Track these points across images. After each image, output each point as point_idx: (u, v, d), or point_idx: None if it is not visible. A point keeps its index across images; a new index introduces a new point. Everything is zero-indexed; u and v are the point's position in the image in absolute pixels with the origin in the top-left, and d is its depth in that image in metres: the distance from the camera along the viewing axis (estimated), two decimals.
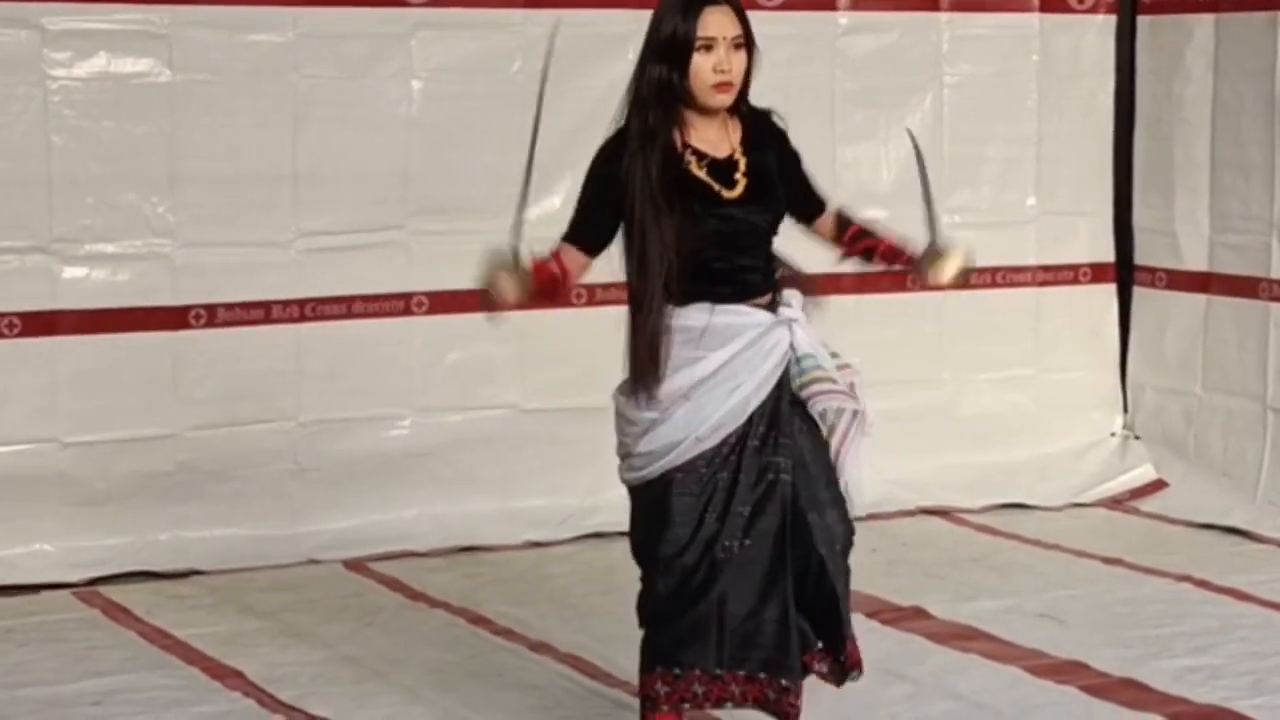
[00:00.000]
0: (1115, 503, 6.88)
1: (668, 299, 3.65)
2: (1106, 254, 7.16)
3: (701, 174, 3.69)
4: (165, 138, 5.83)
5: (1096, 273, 7.15)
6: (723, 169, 3.70)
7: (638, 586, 5.85)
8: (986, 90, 6.92)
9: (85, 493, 5.80)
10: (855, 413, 3.72)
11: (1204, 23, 6.78)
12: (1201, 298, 6.86)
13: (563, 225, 6.31)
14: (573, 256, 3.82)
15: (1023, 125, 6.98)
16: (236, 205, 5.94)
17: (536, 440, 6.32)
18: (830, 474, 3.76)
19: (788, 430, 3.69)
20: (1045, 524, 6.58)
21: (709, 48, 3.65)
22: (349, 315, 6.12)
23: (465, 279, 6.29)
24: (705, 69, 3.65)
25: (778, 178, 3.77)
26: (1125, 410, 7.19)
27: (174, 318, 5.89)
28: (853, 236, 3.91)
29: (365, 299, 6.14)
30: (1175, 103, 6.92)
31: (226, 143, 5.90)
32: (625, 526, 6.27)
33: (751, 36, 3.71)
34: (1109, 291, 7.17)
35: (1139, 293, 7.13)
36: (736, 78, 3.68)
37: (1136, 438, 7.12)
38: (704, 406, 3.64)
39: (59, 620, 5.37)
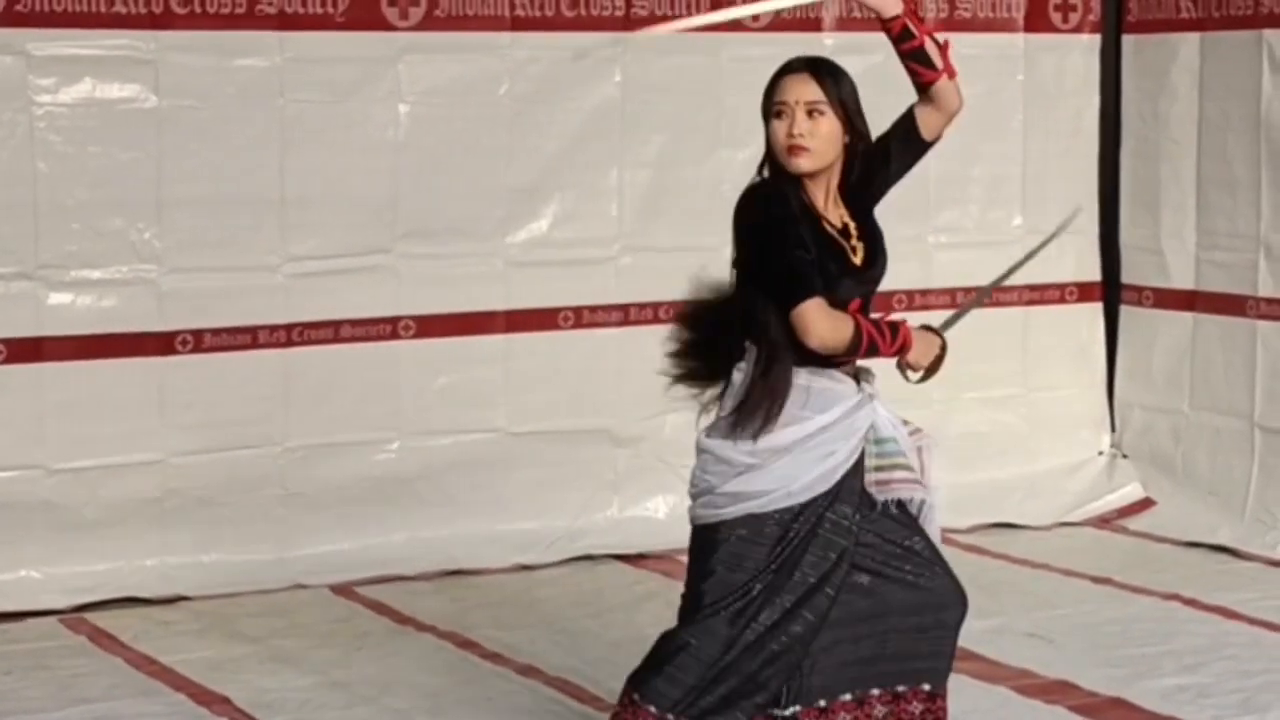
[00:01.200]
0: (1103, 521, 6.88)
1: (794, 359, 3.71)
2: (1093, 273, 7.18)
3: (838, 237, 3.75)
4: (152, 163, 5.82)
5: (1083, 292, 7.16)
6: (843, 235, 3.78)
7: (626, 609, 5.85)
8: (972, 110, 6.84)
9: (72, 519, 5.78)
10: (924, 501, 3.84)
11: (1189, 41, 6.80)
12: (1188, 316, 6.87)
13: (551, 248, 6.39)
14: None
15: (1009, 145, 6.99)
16: (223, 230, 5.94)
17: (525, 463, 6.32)
18: (927, 541, 3.87)
19: (869, 511, 3.79)
20: (1033, 543, 6.58)
21: (780, 114, 3.70)
22: (336, 339, 6.11)
23: (453, 302, 6.36)
24: (780, 133, 3.69)
25: (880, 231, 3.86)
26: (1113, 429, 7.19)
27: (161, 343, 5.89)
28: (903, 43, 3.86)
29: (353, 323, 6.14)
30: (1161, 121, 6.94)
31: (213, 167, 5.90)
32: (613, 549, 6.35)
33: (847, 106, 3.72)
34: (1096, 310, 7.18)
35: (1126, 311, 7.14)
36: (814, 142, 3.68)
37: (1124, 456, 7.13)
38: (800, 464, 3.69)
39: (45, 647, 5.36)
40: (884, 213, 6.80)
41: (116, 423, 5.83)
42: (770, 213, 3.69)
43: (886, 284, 6.73)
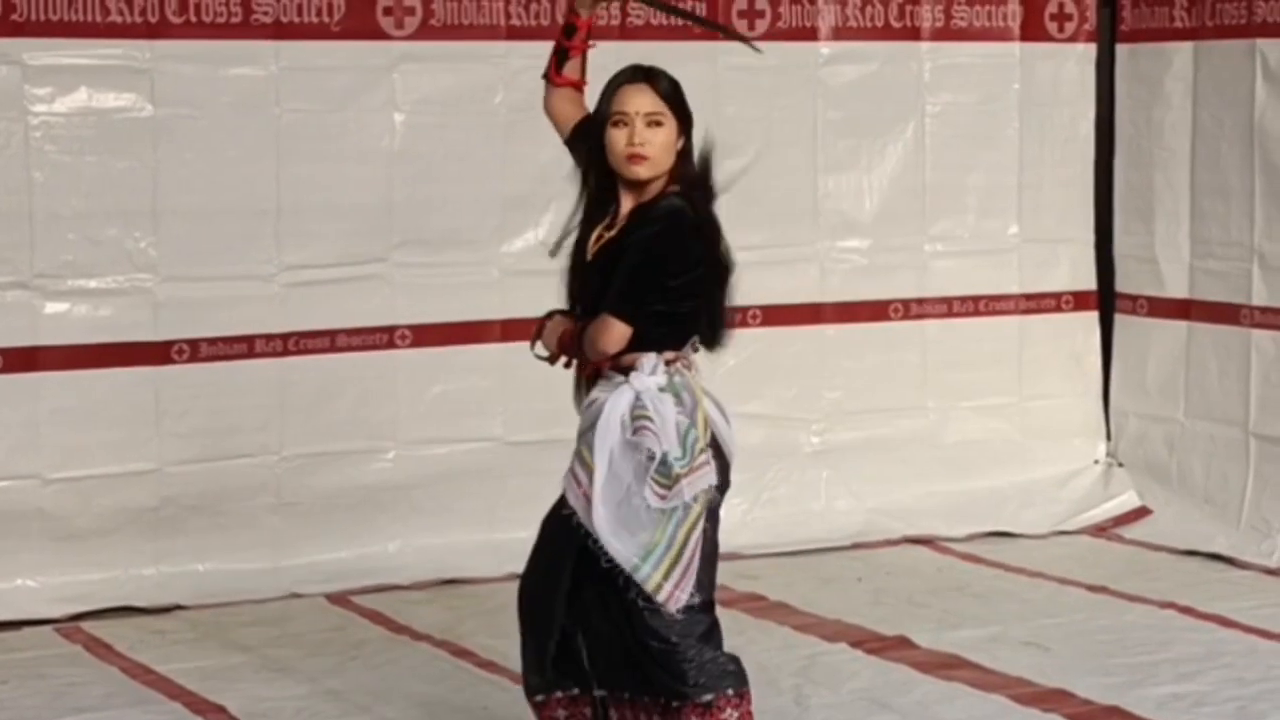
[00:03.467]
0: (1099, 530, 6.88)
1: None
2: (1088, 281, 7.19)
3: (592, 239, 3.90)
4: (147, 172, 5.83)
5: (1079, 300, 7.17)
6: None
7: None
8: (968, 119, 6.95)
9: (67, 528, 5.78)
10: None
11: (1183, 50, 6.82)
12: (1183, 324, 6.88)
13: (546, 257, 6.31)
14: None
15: (1004, 153, 7.00)
16: (219, 239, 5.94)
17: (520, 472, 6.31)
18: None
19: None
20: (1029, 552, 6.58)
21: (622, 123, 3.83)
22: (332, 349, 6.11)
23: (449, 312, 6.36)
24: (619, 141, 3.83)
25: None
26: (1108, 437, 7.20)
27: (156, 353, 5.89)
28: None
29: (349, 332, 6.14)
30: (1155, 130, 6.95)
31: (209, 177, 5.91)
32: None
33: (681, 116, 3.88)
34: (1091, 319, 7.19)
35: (1121, 320, 7.14)
36: (653, 150, 3.82)
37: (1119, 465, 7.13)
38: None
39: (40, 656, 5.36)
40: (880, 221, 6.88)
41: (112, 432, 5.83)
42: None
43: (883, 292, 6.90)
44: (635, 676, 3.91)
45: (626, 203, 3.89)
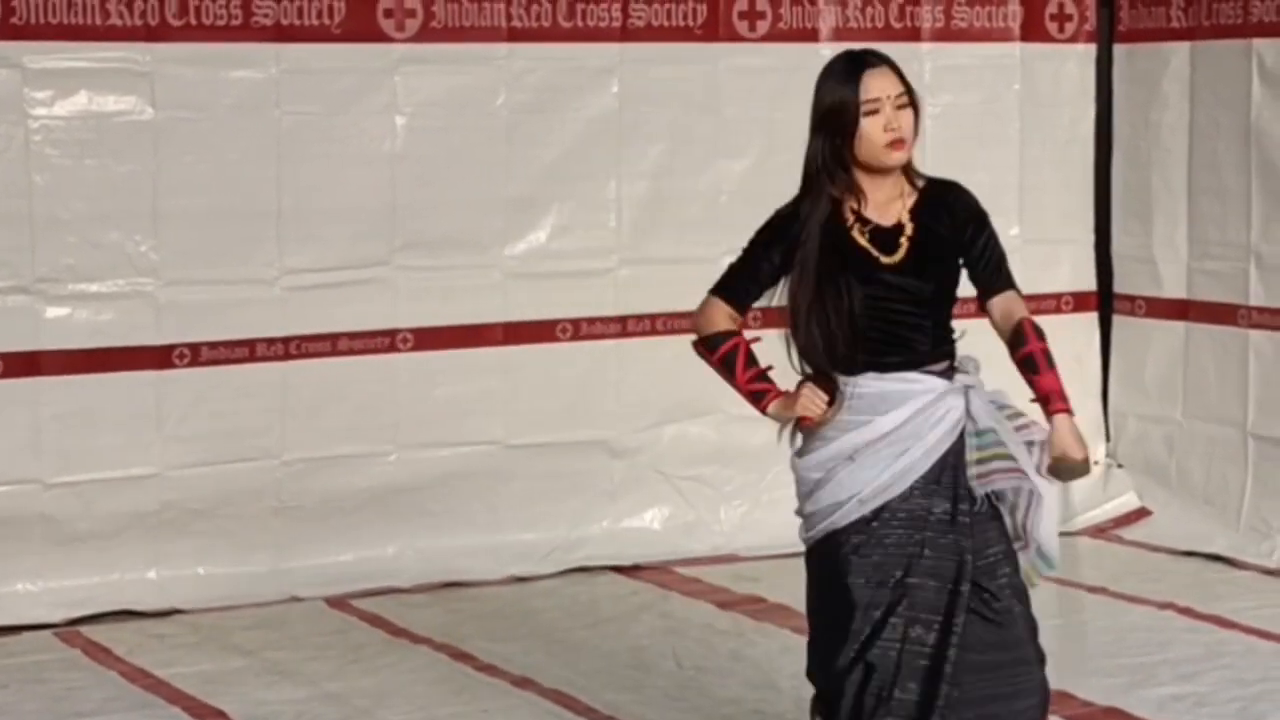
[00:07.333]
0: (1098, 531, 6.89)
1: (835, 365, 3.70)
2: (1088, 282, 7.18)
3: (863, 241, 3.71)
4: (148, 176, 5.83)
5: (1078, 301, 7.17)
6: (887, 235, 3.71)
7: (621, 620, 5.83)
8: (969, 120, 6.95)
9: (68, 532, 5.78)
10: (1032, 492, 3.71)
11: (1180, 51, 6.82)
12: (1180, 325, 6.88)
13: (549, 259, 6.40)
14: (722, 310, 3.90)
15: (1005, 154, 6.99)
16: (220, 243, 5.94)
17: (521, 475, 6.32)
18: (1011, 555, 3.74)
19: (969, 506, 3.69)
20: None
21: (875, 110, 3.65)
22: (334, 352, 6.11)
23: (451, 315, 6.37)
24: (876, 130, 3.65)
25: (950, 248, 3.79)
26: (1107, 439, 7.20)
27: (158, 357, 5.89)
28: (1020, 361, 3.93)
29: (350, 336, 6.14)
30: (1152, 130, 6.95)
31: (210, 180, 5.90)
32: (609, 560, 6.35)
33: (915, 96, 3.73)
34: (1091, 320, 7.19)
35: (1119, 321, 7.15)
36: (908, 134, 3.68)
37: (1119, 466, 7.14)
38: (866, 469, 3.65)
39: (40, 660, 5.35)
40: None
41: (113, 436, 5.83)
42: (772, 230, 3.82)
43: None
44: None
45: (884, 194, 3.71)
